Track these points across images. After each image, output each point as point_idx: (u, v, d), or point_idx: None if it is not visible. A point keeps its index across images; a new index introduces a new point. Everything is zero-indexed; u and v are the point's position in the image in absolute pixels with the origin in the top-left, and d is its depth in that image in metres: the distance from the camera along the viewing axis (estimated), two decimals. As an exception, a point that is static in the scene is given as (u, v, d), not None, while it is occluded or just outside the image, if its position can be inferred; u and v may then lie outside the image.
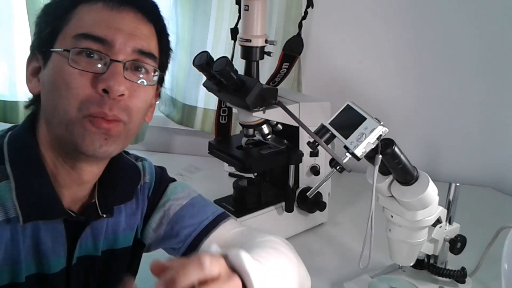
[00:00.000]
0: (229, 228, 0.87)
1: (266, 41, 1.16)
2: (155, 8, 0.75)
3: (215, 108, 1.36)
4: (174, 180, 0.92)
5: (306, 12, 1.24)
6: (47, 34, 0.70)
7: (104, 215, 0.77)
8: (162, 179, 0.90)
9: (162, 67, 0.77)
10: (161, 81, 0.79)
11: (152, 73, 0.72)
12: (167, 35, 0.78)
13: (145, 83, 0.71)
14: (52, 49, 0.68)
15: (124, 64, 0.68)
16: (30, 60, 0.73)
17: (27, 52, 0.75)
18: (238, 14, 1.18)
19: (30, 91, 0.73)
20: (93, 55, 0.67)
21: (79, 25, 0.68)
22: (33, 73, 0.72)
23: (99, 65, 0.67)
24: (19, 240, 0.68)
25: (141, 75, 0.71)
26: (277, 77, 1.28)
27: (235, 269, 0.59)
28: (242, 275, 0.58)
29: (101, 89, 0.66)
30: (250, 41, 1.14)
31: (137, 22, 0.70)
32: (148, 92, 0.73)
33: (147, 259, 0.90)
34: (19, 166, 0.69)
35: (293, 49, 1.26)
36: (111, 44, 0.67)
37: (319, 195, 1.27)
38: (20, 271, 0.69)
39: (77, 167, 0.71)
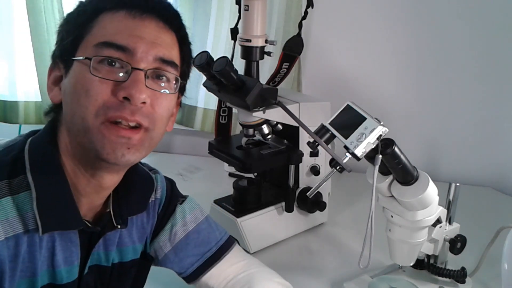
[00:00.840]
0: (231, 263, 0.91)
1: (266, 41, 1.16)
2: (177, 16, 0.74)
3: (215, 108, 1.36)
4: (182, 196, 0.93)
5: (306, 12, 1.24)
6: (69, 42, 0.69)
7: (119, 226, 0.77)
8: (172, 196, 0.91)
9: (184, 75, 0.77)
10: (182, 89, 0.79)
11: (174, 82, 0.72)
12: (189, 43, 0.77)
13: (167, 91, 0.71)
14: (74, 58, 0.68)
15: (145, 72, 0.67)
16: (51, 69, 0.73)
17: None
18: (238, 14, 1.18)
19: (52, 100, 0.72)
20: (115, 64, 0.66)
21: (101, 34, 0.67)
22: (54, 82, 0.72)
23: (121, 74, 0.66)
24: (36, 251, 0.67)
25: (162, 84, 0.70)
26: (277, 77, 1.28)
27: None
28: None
29: (122, 97, 0.65)
30: (250, 41, 1.14)
31: (159, 30, 0.70)
32: (170, 100, 0.72)
33: (153, 273, 0.91)
34: (41, 176, 0.68)
35: (293, 49, 1.26)
36: (132, 52, 0.67)
37: (319, 195, 1.27)
38: (36, 283, 0.68)
39: (98, 175, 0.71)
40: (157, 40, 0.69)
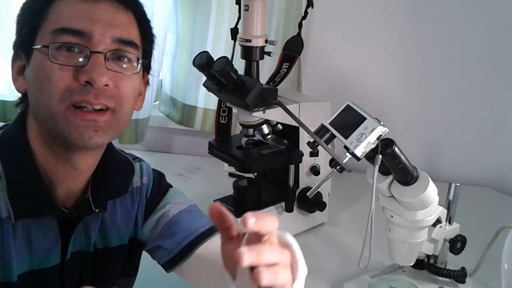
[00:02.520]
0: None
1: (266, 41, 1.16)
2: None
3: (215, 108, 1.36)
4: (171, 185, 0.93)
5: (306, 12, 1.24)
6: (26, 32, 0.70)
7: (97, 210, 0.77)
8: (161, 182, 0.91)
9: (146, 54, 0.76)
10: (147, 68, 0.79)
11: (136, 62, 0.72)
12: (148, 21, 0.77)
13: (129, 72, 0.71)
14: (33, 47, 0.68)
15: (105, 55, 0.67)
16: (14, 59, 0.73)
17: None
18: (238, 14, 1.18)
19: (17, 90, 0.73)
20: (73, 49, 0.67)
21: (56, 20, 0.68)
22: (18, 72, 0.72)
23: (80, 59, 0.67)
24: (10, 239, 0.68)
25: (124, 65, 0.70)
26: (277, 77, 1.28)
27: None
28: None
29: (84, 81, 0.66)
30: (250, 41, 1.14)
31: (114, 11, 0.70)
32: (134, 80, 0.72)
33: (146, 259, 0.91)
34: (11, 165, 0.69)
35: (293, 49, 1.26)
36: (89, 35, 0.67)
37: (319, 195, 1.27)
38: (12, 270, 0.68)
39: (71, 160, 0.71)
40: (114, 21, 0.69)
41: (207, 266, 0.85)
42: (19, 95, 0.74)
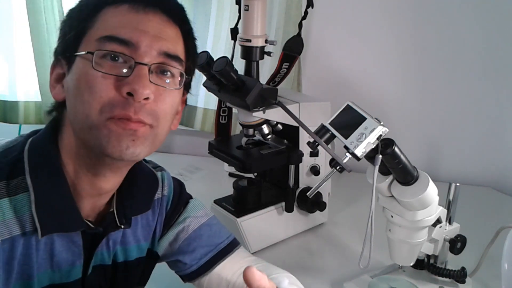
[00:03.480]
0: (243, 256, 0.90)
1: (266, 41, 1.16)
2: (181, 10, 0.73)
3: (215, 108, 1.36)
4: (191, 196, 0.93)
5: (306, 12, 1.24)
6: (71, 38, 0.67)
7: (122, 226, 0.76)
8: (182, 194, 0.90)
9: (189, 71, 0.74)
10: (187, 86, 0.77)
11: (179, 77, 0.70)
12: (194, 38, 0.76)
13: (171, 87, 0.69)
14: (76, 53, 0.66)
15: (149, 67, 0.65)
16: (54, 66, 0.71)
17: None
18: (238, 14, 1.18)
19: (54, 97, 0.71)
20: (118, 58, 0.65)
21: (104, 28, 0.66)
22: (57, 80, 0.70)
23: (124, 69, 0.65)
24: (33, 254, 0.66)
25: (167, 80, 0.68)
26: (277, 77, 1.28)
27: None
28: None
29: (126, 92, 0.64)
30: (250, 41, 1.14)
31: (163, 24, 0.68)
32: (175, 96, 0.70)
33: (156, 270, 0.91)
34: (40, 178, 0.67)
35: (293, 49, 1.26)
36: (136, 46, 0.65)
37: (319, 195, 1.27)
38: (33, 285, 0.67)
39: (100, 174, 0.70)
40: (161, 34, 0.68)
41: (226, 284, 0.86)
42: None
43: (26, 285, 0.67)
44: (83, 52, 0.65)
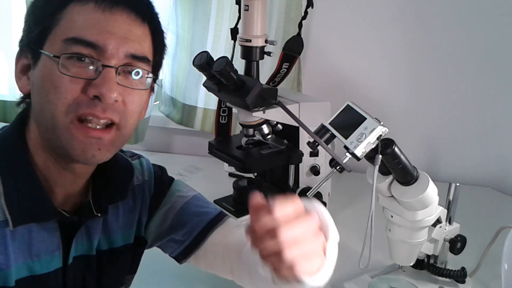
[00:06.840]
0: (235, 224, 0.89)
1: (266, 41, 1.16)
2: (149, 6, 0.72)
3: (215, 108, 1.36)
4: (173, 178, 0.93)
5: (306, 12, 1.25)
6: (36, 33, 0.67)
7: (99, 214, 0.76)
8: (163, 177, 0.90)
9: (156, 67, 0.75)
10: (155, 80, 0.77)
11: (146, 76, 0.70)
12: (162, 32, 0.75)
13: (139, 87, 0.69)
14: (41, 50, 0.66)
15: (116, 69, 0.65)
16: (19, 57, 0.71)
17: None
18: (238, 14, 1.18)
19: (20, 90, 0.71)
20: (84, 59, 0.64)
21: (69, 28, 0.65)
22: (22, 71, 0.70)
23: (91, 70, 0.65)
24: (8, 244, 0.66)
25: (134, 79, 0.68)
26: (277, 77, 1.28)
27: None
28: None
29: (92, 95, 0.64)
30: (250, 41, 1.14)
31: (130, 23, 0.68)
32: (142, 96, 0.71)
33: (146, 257, 0.91)
34: (8, 169, 0.67)
35: (293, 49, 1.26)
36: (102, 49, 0.65)
37: (319, 195, 1.27)
38: (9, 275, 0.67)
39: (70, 167, 0.70)
40: (128, 35, 0.67)
41: (222, 250, 0.85)
42: (20, 94, 0.73)
43: (2, 276, 0.66)
44: (49, 54, 0.65)
